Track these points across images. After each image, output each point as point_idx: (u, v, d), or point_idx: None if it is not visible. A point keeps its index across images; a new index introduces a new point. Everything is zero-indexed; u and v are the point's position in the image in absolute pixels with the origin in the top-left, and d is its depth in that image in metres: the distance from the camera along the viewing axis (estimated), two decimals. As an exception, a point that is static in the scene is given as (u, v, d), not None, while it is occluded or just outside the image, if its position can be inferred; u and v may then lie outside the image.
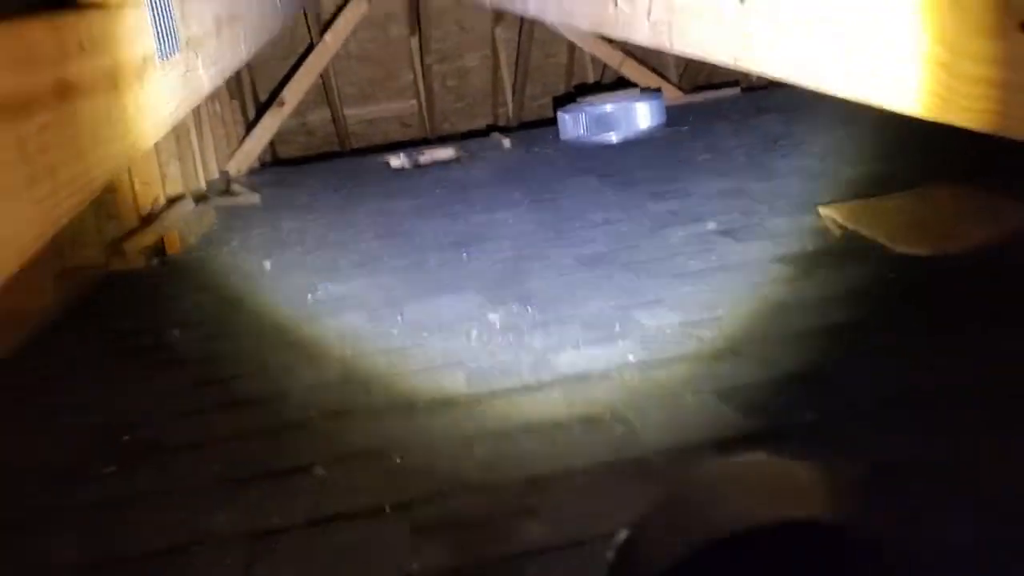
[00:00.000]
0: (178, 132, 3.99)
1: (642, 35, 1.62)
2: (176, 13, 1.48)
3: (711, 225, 2.70)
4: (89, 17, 1.00)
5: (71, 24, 0.93)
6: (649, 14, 1.55)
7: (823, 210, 2.55)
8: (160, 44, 1.35)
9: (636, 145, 4.15)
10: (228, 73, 1.94)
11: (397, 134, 6.53)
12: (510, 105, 6.25)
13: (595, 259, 2.55)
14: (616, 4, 1.72)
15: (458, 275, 2.58)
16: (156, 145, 3.72)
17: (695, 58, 1.41)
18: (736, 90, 5.45)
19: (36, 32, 0.83)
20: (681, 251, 2.53)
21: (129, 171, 3.43)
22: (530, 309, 2.23)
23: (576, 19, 1.98)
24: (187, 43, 1.53)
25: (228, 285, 2.78)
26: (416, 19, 5.96)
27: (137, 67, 1.21)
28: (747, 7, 1.16)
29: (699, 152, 3.82)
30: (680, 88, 5.47)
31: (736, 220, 2.73)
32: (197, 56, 1.64)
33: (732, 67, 1.27)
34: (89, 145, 0.97)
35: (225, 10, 2.00)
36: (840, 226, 2.45)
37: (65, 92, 0.88)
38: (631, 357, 1.90)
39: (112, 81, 1.06)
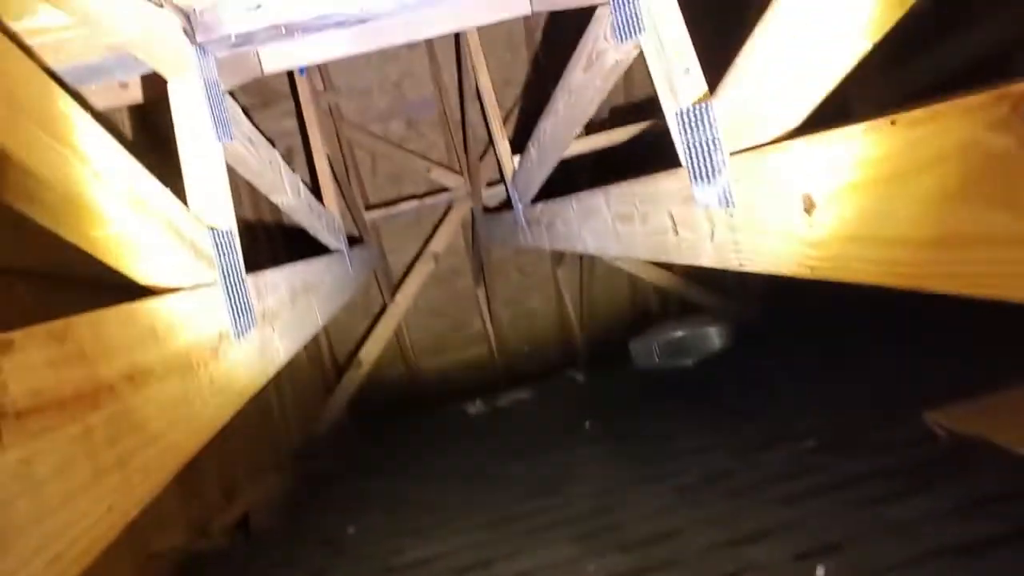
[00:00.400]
0: (259, 402, 4.09)
1: (707, 258, 1.61)
2: (251, 289, 1.51)
3: (809, 443, 2.55)
4: (163, 302, 1.01)
5: (145, 312, 0.94)
6: (712, 236, 1.54)
7: (930, 415, 2.40)
8: (235, 321, 1.37)
9: (712, 367, 4.09)
10: (304, 341, 1.97)
11: (472, 381, 6.60)
12: (579, 341, 6.30)
13: (691, 489, 2.41)
14: (676, 231, 1.73)
15: (548, 523, 2.45)
16: (236, 418, 3.80)
17: (768, 273, 1.38)
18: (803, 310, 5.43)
19: (108, 325, 0.82)
20: (781, 473, 2.37)
21: (210, 447, 3.48)
22: (631, 555, 2.07)
23: (637, 251, 1.99)
24: (263, 316, 1.56)
25: (312, 556, 2.69)
26: (480, 271, 6.21)
27: (212, 346, 1.22)
28: (815, 218, 1.14)
29: (778, 368, 3.71)
30: (746, 310, 5.46)
31: (835, 434, 2.58)
32: (273, 328, 1.67)
33: (808, 277, 1.24)
34: (163, 429, 0.94)
35: (299, 280, 2.07)
36: (950, 431, 2.28)
37: (137, 379, 0.87)
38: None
39: (187, 362, 1.06)
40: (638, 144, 3.60)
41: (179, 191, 1.35)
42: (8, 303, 2.21)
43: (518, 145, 3.59)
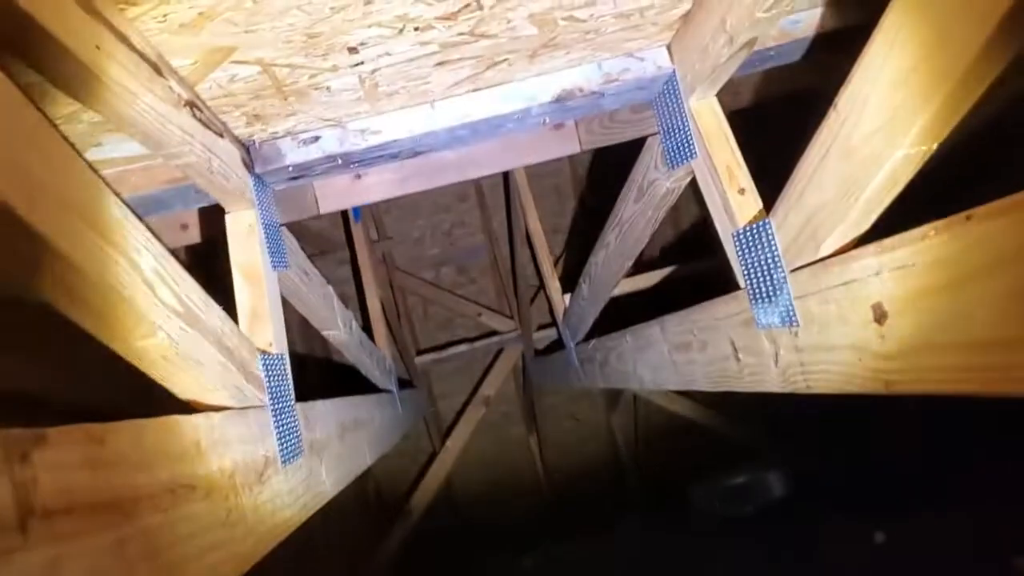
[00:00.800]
0: (301, 541, 3.96)
1: (773, 383, 1.54)
2: (300, 418, 1.48)
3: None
4: (209, 419, 0.98)
5: (190, 426, 0.91)
6: (776, 359, 1.48)
7: (1017, 560, 2.21)
8: (282, 447, 1.33)
9: (773, 515, 3.87)
10: (351, 477, 1.91)
11: (524, 529, 6.35)
12: (635, 488, 6.08)
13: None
14: (738, 357, 1.67)
15: None
16: (276, 551, 3.68)
17: (839, 392, 1.30)
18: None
19: (151, 434, 0.79)
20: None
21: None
22: None
23: (697, 381, 1.92)
24: (310, 447, 1.52)
25: None
26: (532, 417, 6.11)
27: (258, 470, 1.17)
28: (888, 328, 1.08)
29: (846, 517, 3.50)
30: (805, 452, 5.24)
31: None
32: (320, 460, 1.62)
33: (884, 392, 1.16)
34: (202, 550, 0.89)
35: (349, 415, 2.03)
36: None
37: (178, 493, 0.82)
38: None
39: (231, 484, 1.01)
40: (689, 282, 3.59)
41: (232, 318, 1.34)
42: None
43: (568, 287, 3.60)
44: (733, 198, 1.51)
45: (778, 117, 2.59)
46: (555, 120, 1.73)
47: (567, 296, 3.52)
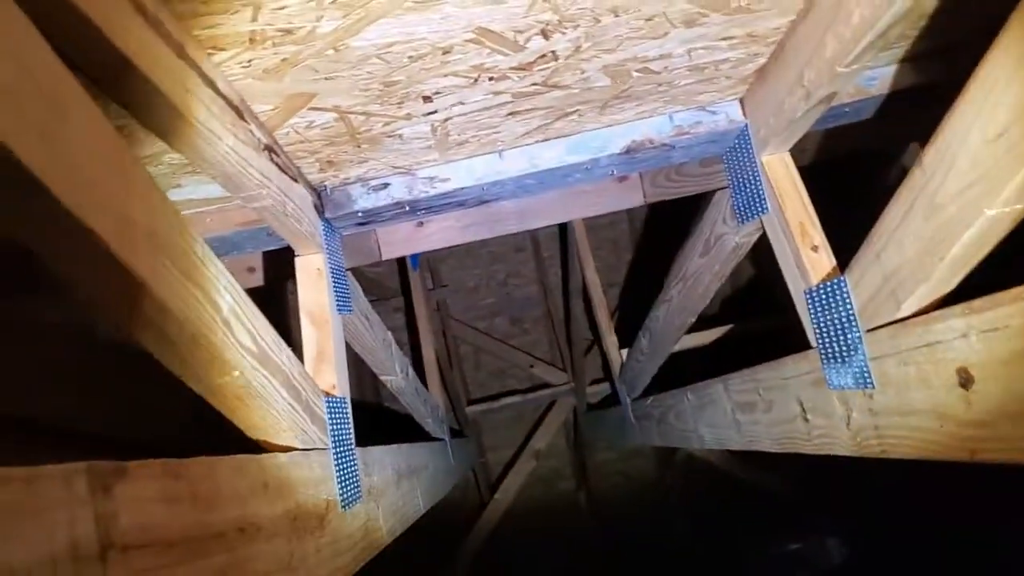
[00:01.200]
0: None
1: (843, 447, 1.49)
2: (360, 462, 1.48)
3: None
4: (276, 459, 0.98)
5: (258, 465, 0.91)
6: (848, 422, 1.43)
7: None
8: (342, 491, 1.32)
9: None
10: (407, 524, 1.89)
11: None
12: (688, 552, 5.91)
13: None
14: (807, 418, 1.62)
15: None
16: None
17: (916, 458, 1.25)
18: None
19: (222, 471, 0.79)
20: None
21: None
22: None
23: (761, 442, 1.87)
24: (368, 492, 1.51)
25: None
26: (582, 472, 6.02)
27: (320, 513, 1.17)
28: (974, 393, 1.03)
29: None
30: (863, 519, 5.06)
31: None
32: (378, 507, 1.61)
33: (967, 460, 1.11)
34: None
35: (404, 461, 2.02)
36: None
37: (247, 532, 0.82)
38: None
39: (295, 525, 1.01)
40: (751, 339, 3.52)
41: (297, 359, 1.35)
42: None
43: (623, 342, 3.56)
44: (806, 255, 1.48)
45: (840, 175, 2.56)
46: (622, 172, 1.73)
47: (624, 351, 3.48)
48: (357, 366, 5.00)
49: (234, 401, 0.97)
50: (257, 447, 1.08)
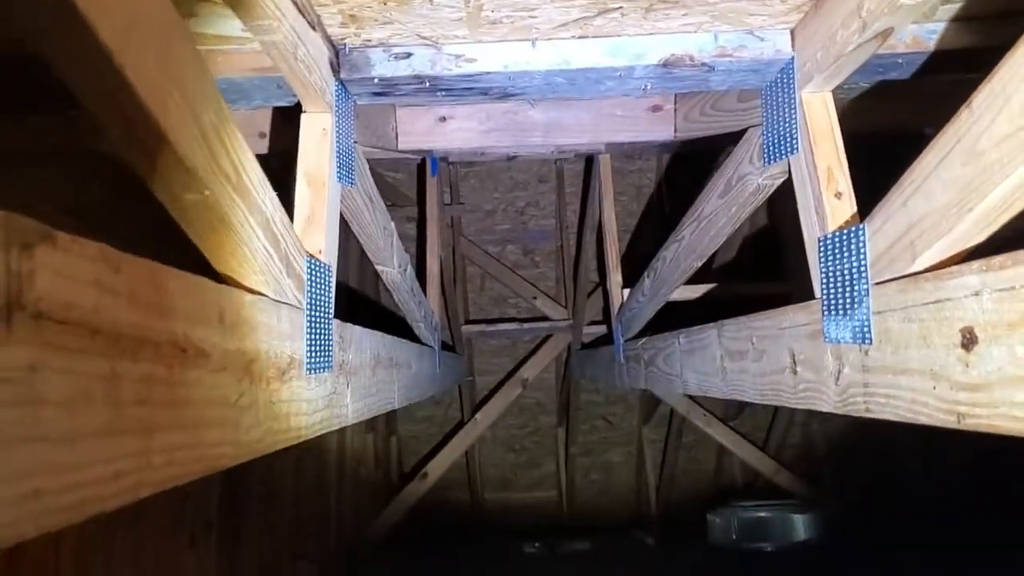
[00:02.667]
0: (317, 486, 3.97)
1: (827, 402, 1.44)
2: (335, 334, 1.44)
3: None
4: (239, 296, 0.94)
5: (216, 293, 0.86)
6: (837, 377, 1.38)
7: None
8: (311, 355, 1.29)
9: (793, 557, 3.73)
10: (376, 412, 1.87)
11: (534, 522, 6.30)
12: (653, 505, 5.97)
13: None
14: (795, 370, 1.57)
15: None
16: (295, 498, 3.69)
17: (900, 421, 1.20)
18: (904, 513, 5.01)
19: (172, 283, 0.75)
20: None
21: (257, 516, 3.36)
22: None
23: (744, 392, 1.83)
24: (339, 367, 1.48)
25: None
26: (565, 411, 6.04)
27: (281, 367, 1.13)
28: (975, 355, 0.98)
29: (873, 571, 3.36)
30: (837, 504, 5.06)
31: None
32: (347, 384, 1.58)
33: (953, 426, 1.06)
34: (202, 422, 0.85)
35: (385, 351, 1.99)
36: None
37: (189, 353, 0.78)
38: None
39: (248, 369, 0.97)
40: (751, 302, 3.46)
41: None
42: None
43: (627, 284, 3.50)
44: (828, 201, 1.41)
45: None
46: (657, 88, 1.65)
47: (626, 291, 3.43)
48: (361, 260, 4.99)
49: (202, 225, 0.92)
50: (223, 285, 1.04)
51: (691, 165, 4.56)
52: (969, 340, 0.99)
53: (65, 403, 0.59)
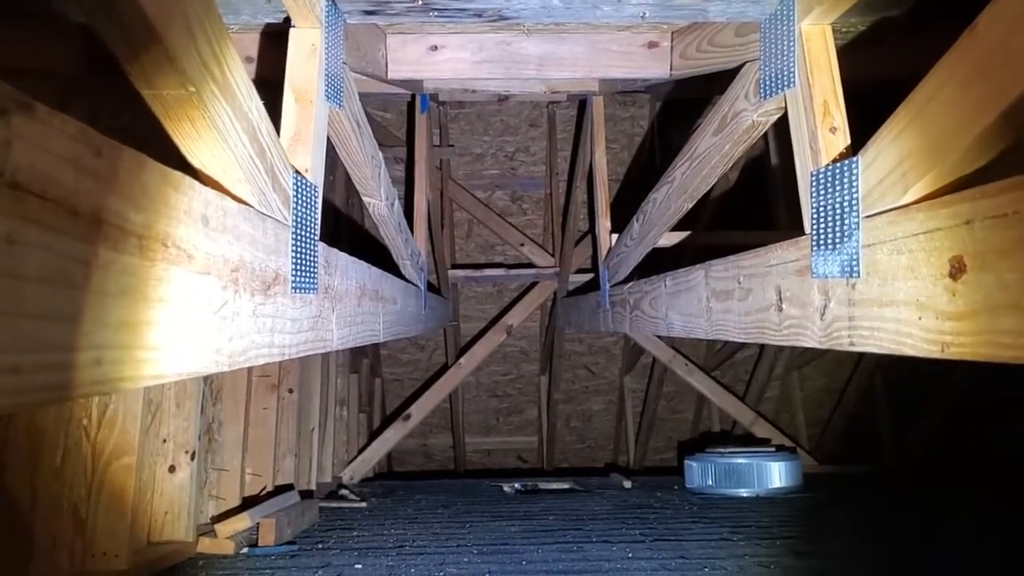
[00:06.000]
0: (301, 429, 3.98)
1: (812, 338, 1.45)
2: (321, 257, 1.42)
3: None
4: (224, 201, 0.92)
5: (201, 195, 0.85)
6: (823, 312, 1.38)
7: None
8: (296, 274, 1.27)
9: (769, 503, 3.79)
10: (360, 342, 1.86)
11: (514, 466, 6.38)
12: (632, 452, 6.05)
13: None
14: (781, 307, 1.57)
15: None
16: (276, 436, 3.70)
17: (884, 353, 1.21)
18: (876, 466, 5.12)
19: (154, 177, 0.73)
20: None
21: (243, 456, 3.38)
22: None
23: (729, 331, 1.83)
24: (325, 291, 1.47)
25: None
26: (548, 360, 6.07)
27: (266, 280, 1.12)
28: (962, 284, 0.98)
29: (844, 519, 3.42)
30: (813, 456, 5.15)
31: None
32: (332, 310, 1.57)
33: (937, 356, 1.06)
34: (189, 324, 0.85)
35: (371, 284, 1.98)
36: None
37: (171, 250, 0.77)
38: None
39: (232, 275, 0.96)
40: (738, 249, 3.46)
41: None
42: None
43: (616, 230, 3.49)
44: (823, 135, 1.40)
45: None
46: (655, 16, 1.62)
47: (615, 237, 3.42)
48: (348, 193, 4.95)
49: (185, 124, 0.90)
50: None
51: (683, 116, 4.53)
52: (958, 269, 0.99)
53: (45, 281, 0.57)
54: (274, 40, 1.93)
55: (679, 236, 3.36)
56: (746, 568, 2.58)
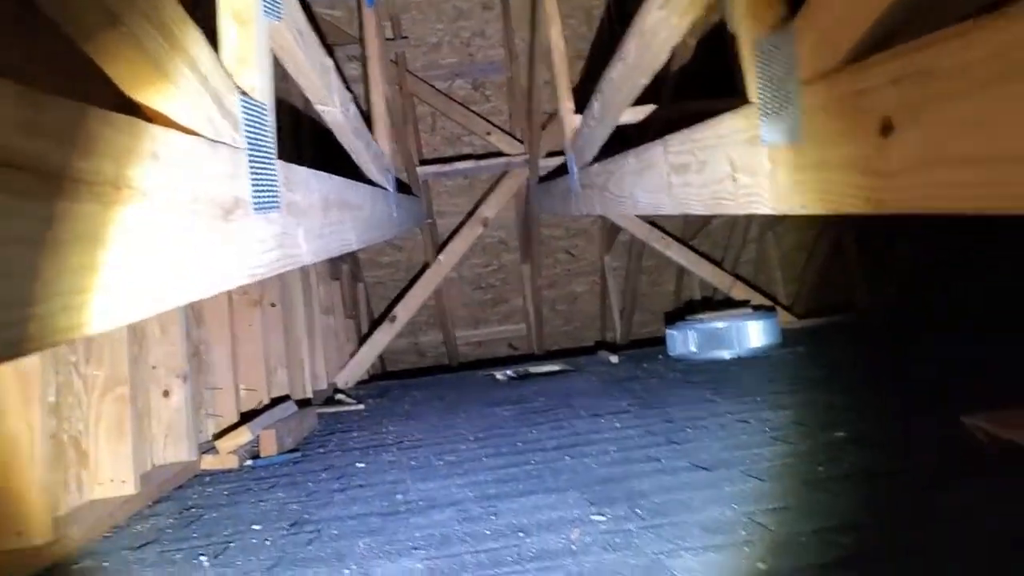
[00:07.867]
0: (289, 340, 4.05)
1: (766, 204, 1.50)
2: (280, 175, 1.45)
3: (840, 433, 2.43)
4: (172, 136, 0.94)
5: (147, 132, 0.86)
6: (774, 178, 1.43)
7: (967, 419, 2.24)
8: (257, 195, 1.30)
9: (749, 363, 3.94)
10: (332, 253, 1.90)
11: (505, 354, 6.53)
12: (618, 329, 6.19)
13: (712, 464, 2.30)
14: (735, 178, 1.62)
15: (560, 476, 2.37)
16: (265, 351, 3.77)
17: (830, 213, 1.26)
18: (851, 316, 5.28)
19: (98, 124, 0.75)
20: (809, 459, 2.25)
21: (235, 373, 3.45)
22: (639, 511, 1.98)
23: (691, 205, 1.88)
24: (288, 207, 1.49)
25: (317, 484, 2.64)
26: (528, 247, 6.11)
27: (227, 207, 1.15)
28: (891, 141, 1.02)
29: (819, 370, 3.57)
30: (792, 313, 5.30)
31: (868, 430, 2.45)
32: (299, 225, 1.60)
33: (873, 211, 1.12)
34: (156, 260, 0.88)
35: (335, 193, 2.00)
36: (990, 436, 2.14)
37: (124, 193, 0.80)
38: (761, 565, 1.62)
39: (192, 207, 0.99)
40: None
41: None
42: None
43: (580, 109, 3.47)
44: (763, 4, 1.41)
45: None
46: None
47: (579, 117, 3.41)
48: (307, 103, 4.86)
49: (121, 64, 0.91)
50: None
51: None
52: (887, 127, 1.02)
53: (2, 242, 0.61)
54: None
55: (643, 111, 3.35)
56: (727, 425, 2.72)
